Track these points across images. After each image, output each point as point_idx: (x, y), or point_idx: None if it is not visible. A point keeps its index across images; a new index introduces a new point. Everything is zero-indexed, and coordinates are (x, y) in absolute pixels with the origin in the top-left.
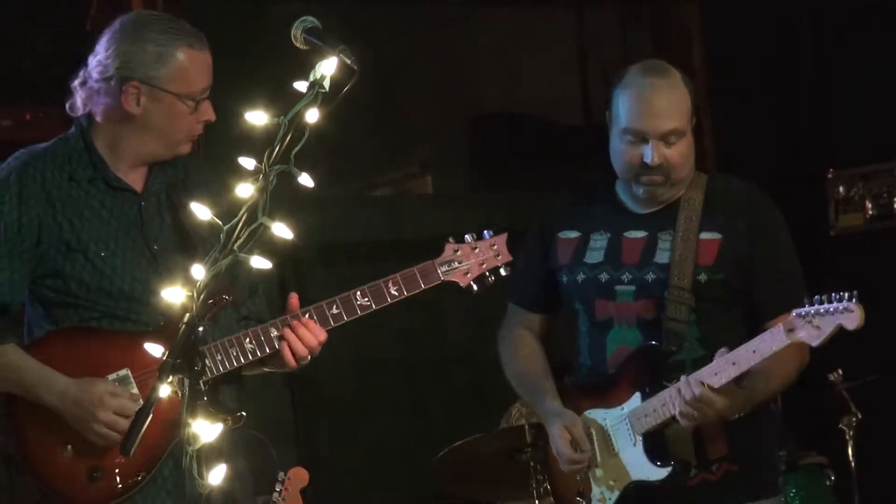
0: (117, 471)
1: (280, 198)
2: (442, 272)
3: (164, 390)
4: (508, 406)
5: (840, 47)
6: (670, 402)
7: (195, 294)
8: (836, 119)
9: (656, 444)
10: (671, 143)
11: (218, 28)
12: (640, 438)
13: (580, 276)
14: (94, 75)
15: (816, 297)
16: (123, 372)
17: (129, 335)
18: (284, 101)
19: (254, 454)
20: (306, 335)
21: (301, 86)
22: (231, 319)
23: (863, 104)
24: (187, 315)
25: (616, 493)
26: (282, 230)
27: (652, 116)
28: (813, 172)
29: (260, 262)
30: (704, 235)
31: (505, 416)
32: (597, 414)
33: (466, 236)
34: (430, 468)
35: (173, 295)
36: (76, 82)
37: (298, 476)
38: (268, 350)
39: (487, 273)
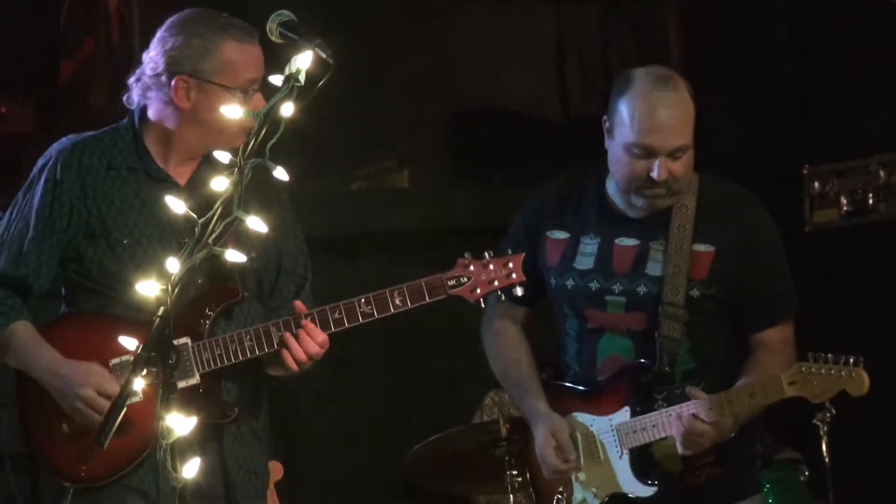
0: (105, 455)
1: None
2: (449, 286)
3: (138, 383)
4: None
5: (819, 44)
6: (661, 425)
7: (169, 287)
8: (811, 116)
9: (643, 461)
10: (677, 158)
11: None
12: (626, 452)
13: (569, 282)
14: (147, 72)
15: (821, 353)
16: (127, 357)
17: (141, 325)
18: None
19: None
20: (306, 340)
21: (277, 79)
22: (255, 318)
23: (838, 101)
24: (161, 308)
25: (598, 501)
26: (256, 224)
27: (663, 133)
28: (788, 168)
29: (234, 256)
30: (697, 247)
31: (479, 406)
32: (584, 418)
33: (485, 253)
34: (404, 462)
35: (148, 288)
36: (132, 79)
37: (273, 469)
38: (266, 349)
39: (499, 292)
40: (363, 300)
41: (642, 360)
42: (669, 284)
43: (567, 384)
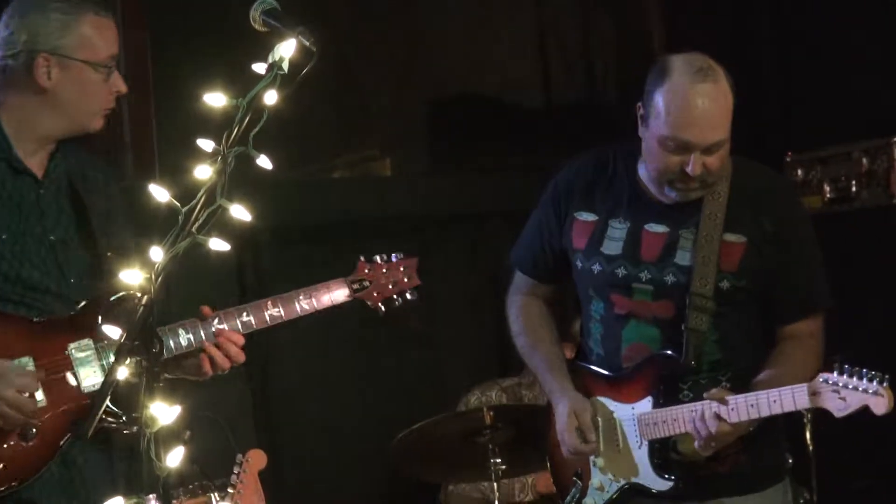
0: (11, 462)
1: (238, 180)
2: (353, 290)
3: (122, 372)
4: (465, 392)
5: (802, 29)
6: (682, 420)
7: (153, 276)
8: (794, 103)
9: (663, 453)
10: (713, 153)
11: (177, 9)
12: (646, 443)
13: (596, 267)
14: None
15: (847, 366)
16: (25, 359)
17: (30, 322)
18: (243, 83)
19: (211, 437)
20: (229, 347)
21: (260, 67)
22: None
23: (821, 88)
24: (145, 297)
25: (616, 486)
26: (240, 212)
27: (699, 128)
28: (771, 156)
29: (218, 245)
30: (728, 237)
31: (462, 403)
32: (607, 403)
33: (376, 256)
34: (388, 450)
35: (131, 277)
36: None
37: (257, 458)
38: (175, 352)
39: (395, 296)
40: (270, 302)
41: (669, 353)
42: (698, 275)
43: (592, 367)
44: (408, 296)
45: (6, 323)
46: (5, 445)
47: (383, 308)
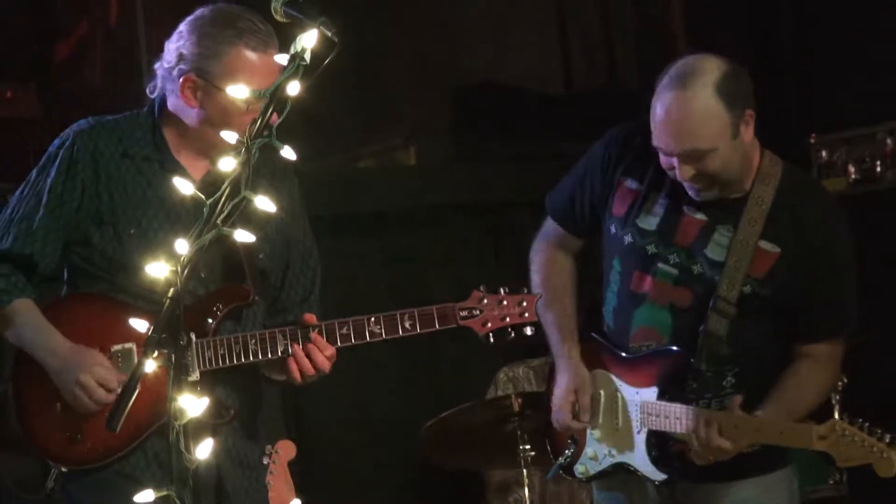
0: (98, 439)
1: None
2: (460, 317)
3: (150, 365)
4: (496, 372)
5: (823, 10)
6: (684, 422)
7: (179, 269)
8: (818, 84)
9: (661, 444)
10: (698, 160)
11: (199, 1)
12: (645, 431)
13: (628, 238)
14: (164, 63)
15: (858, 418)
16: (129, 345)
17: (146, 312)
18: None
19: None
20: (314, 352)
21: (282, 59)
22: (259, 318)
23: (845, 69)
24: (171, 290)
25: (609, 461)
26: (265, 203)
27: (667, 136)
28: (795, 137)
29: (243, 236)
30: (763, 244)
31: (493, 382)
32: (613, 380)
33: (501, 289)
34: (417, 438)
35: (157, 270)
36: (156, 65)
37: (286, 449)
38: (270, 355)
39: (510, 329)
40: (373, 319)
41: (680, 352)
42: (727, 279)
43: (604, 339)
44: (527, 331)
45: (125, 311)
46: (92, 425)
47: (492, 339)
